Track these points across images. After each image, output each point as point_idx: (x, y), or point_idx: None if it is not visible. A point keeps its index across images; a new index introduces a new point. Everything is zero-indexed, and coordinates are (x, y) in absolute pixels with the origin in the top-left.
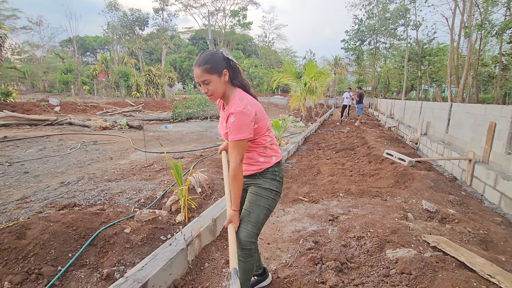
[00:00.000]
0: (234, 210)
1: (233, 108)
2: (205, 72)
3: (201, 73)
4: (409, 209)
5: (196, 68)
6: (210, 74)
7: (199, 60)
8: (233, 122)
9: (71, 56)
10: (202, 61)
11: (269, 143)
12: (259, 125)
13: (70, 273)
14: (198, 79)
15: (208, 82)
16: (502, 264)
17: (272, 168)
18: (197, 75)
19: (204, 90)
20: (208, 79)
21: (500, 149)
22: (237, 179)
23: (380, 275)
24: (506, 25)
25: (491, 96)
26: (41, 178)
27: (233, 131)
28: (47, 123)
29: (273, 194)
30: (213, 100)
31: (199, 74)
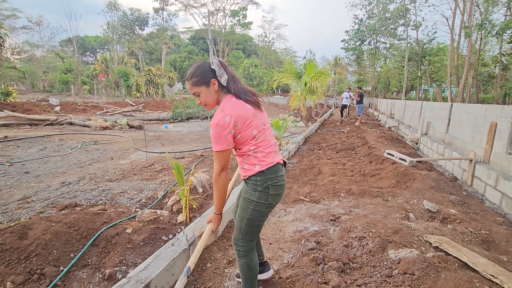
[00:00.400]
0: (215, 213)
1: (212, 120)
2: (193, 85)
3: (190, 86)
4: (410, 209)
5: (186, 82)
6: (198, 87)
7: (187, 74)
8: (211, 133)
9: (71, 56)
10: (189, 75)
11: (252, 151)
12: (242, 134)
13: (72, 273)
14: (190, 91)
15: (198, 94)
16: (504, 264)
17: (254, 176)
18: (188, 89)
19: (198, 102)
20: (197, 91)
21: (501, 149)
22: (218, 185)
23: (382, 275)
24: (506, 25)
25: (491, 96)
26: (42, 178)
27: (212, 142)
28: (47, 123)
29: (253, 205)
30: (210, 109)
31: (189, 88)
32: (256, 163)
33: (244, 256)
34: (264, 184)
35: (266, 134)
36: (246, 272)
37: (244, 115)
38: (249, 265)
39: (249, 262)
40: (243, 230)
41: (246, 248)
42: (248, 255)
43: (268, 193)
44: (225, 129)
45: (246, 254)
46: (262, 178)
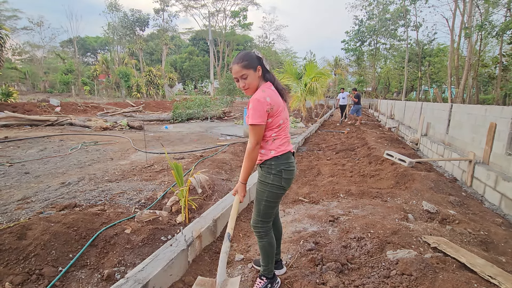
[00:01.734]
0: (241, 182)
1: (253, 96)
2: (243, 68)
3: (239, 69)
4: (409, 210)
5: (235, 65)
6: (247, 69)
7: (236, 59)
8: (250, 108)
9: (71, 56)
10: (239, 59)
11: (272, 138)
12: (273, 119)
13: (70, 274)
14: (236, 74)
15: (245, 76)
16: (502, 265)
17: (269, 161)
18: (236, 71)
19: (241, 85)
20: (246, 73)
21: (501, 150)
22: (250, 157)
23: (380, 276)
24: (506, 26)
25: (491, 97)
26: (41, 178)
27: (250, 115)
28: (47, 124)
29: (269, 187)
30: (249, 93)
31: (238, 70)
32: (273, 149)
33: (265, 236)
34: (277, 168)
35: (286, 126)
36: (268, 250)
37: (278, 103)
38: (270, 243)
39: (270, 240)
40: (262, 212)
41: (266, 228)
42: (269, 234)
43: (281, 177)
44: (264, 106)
45: (267, 233)
46: (276, 163)
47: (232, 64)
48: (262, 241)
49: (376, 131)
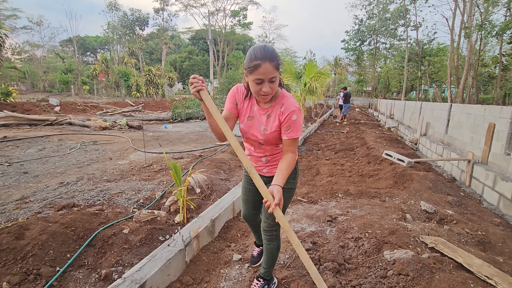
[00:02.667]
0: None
1: (293, 105)
2: (275, 68)
3: (272, 69)
4: (407, 210)
5: (266, 64)
6: (277, 71)
7: (266, 54)
8: (295, 120)
9: (71, 56)
10: (271, 56)
11: None
12: None
13: (68, 274)
14: (266, 75)
15: (274, 80)
16: (499, 265)
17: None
18: (268, 71)
19: (266, 89)
20: (276, 76)
21: (499, 150)
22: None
23: (377, 276)
24: (506, 26)
25: (491, 96)
26: (40, 178)
27: (295, 128)
28: (47, 123)
29: (293, 192)
30: (267, 100)
31: (270, 70)
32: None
33: (277, 238)
34: (297, 169)
35: None
36: (275, 253)
37: None
38: (278, 246)
39: (279, 243)
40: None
41: (279, 231)
42: (280, 237)
43: (297, 176)
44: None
45: (278, 236)
46: (297, 166)
47: (262, 61)
48: (272, 244)
49: (375, 130)
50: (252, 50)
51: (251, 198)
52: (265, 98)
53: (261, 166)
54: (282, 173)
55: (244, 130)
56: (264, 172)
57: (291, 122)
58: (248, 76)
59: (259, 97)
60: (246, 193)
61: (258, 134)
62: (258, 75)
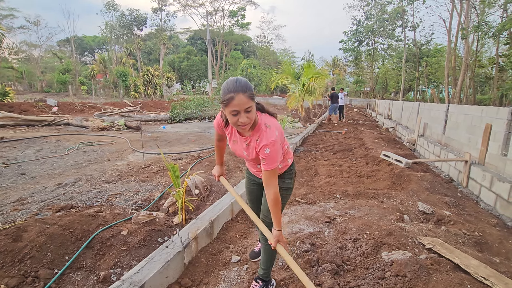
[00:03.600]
0: (278, 230)
1: (265, 139)
2: (249, 98)
3: (247, 100)
4: (405, 211)
5: (239, 96)
6: (252, 101)
7: (239, 86)
8: (269, 153)
9: (69, 56)
10: (244, 87)
11: (286, 149)
12: (283, 143)
13: (66, 276)
14: (241, 106)
15: (250, 109)
16: (496, 265)
17: (289, 168)
18: (242, 102)
19: (242, 120)
20: (251, 106)
21: (496, 151)
22: (278, 202)
23: (375, 277)
24: (502, 27)
25: (488, 97)
26: (38, 179)
27: (269, 162)
28: (44, 124)
29: (290, 191)
30: (246, 129)
31: (245, 101)
32: (289, 157)
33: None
34: (294, 171)
35: None
36: (273, 253)
37: (278, 124)
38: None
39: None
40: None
41: None
42: None
43: (293, 177)
44: (280, 143)
45: None
46: (293, 167)
47: (235, 93)
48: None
49: (373, 131)
50: (225, 84)
51: (254, 197)
52: (243, 128)
53: (257, 171)
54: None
55: (232, 149)
56: (261, 176)
57: (265, 156)
58: (225, 109)
59: (237, 127)
60: (250, 194)
61: (242, 155)
62: (233, 107)
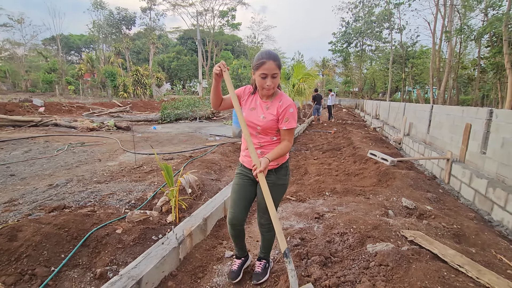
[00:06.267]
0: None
1: (289, 101)
2: (277, 67)
3: (275, 66)
4: (390, 206)
5: (270, 62)
6: (279, 69)
7: (271, 55)
8: (292, 112)
9: (54, 55)
10: (275, 57)
11: None
12: None
13: (63, 273)
14: (270, 70)
15: (276, 76)
16: (472, 255)
17: (285, 163)
18: (271, 68)
19: (269, 83)
20: (277, 73)
21: (476, 149)
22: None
23: (360, 267)
24: (483, 30)
25: (470, 97)
26: (28, 180)
27: (292, 120)
28: (31, 124)
29: (285, 187)
30: (270, 93)
31: (273, 67)
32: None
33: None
34: (289, 167)
35: None
36: (273, 239)
37: None
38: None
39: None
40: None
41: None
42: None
43: (288, 173)
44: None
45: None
46: (289, 164)
47: (266, 59)
48: (270, 234)
49: (361, 131)
50: (260, 52)
51: (243, 195)
52: (268, 91)
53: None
54: (275, 151)
55: (246, 118)
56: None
57: (289, 114)
58: (255, 72)
59: (263, 90)
60: (239, 191)
61: (257, 121)
62: (264, 70)
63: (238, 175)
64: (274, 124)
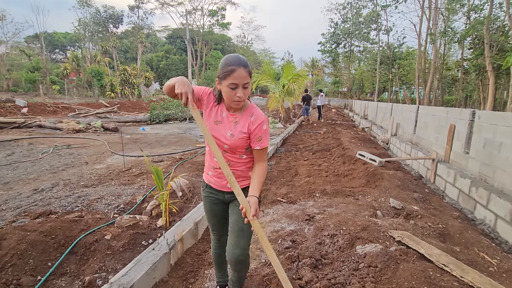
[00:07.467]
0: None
1: (262, 116)
2: (248, 74)
3: (246, 74)
4: (378, 207)
5: (241, 70)
6: (250, 78)
7: (241, 61)
8: (265, 129)
9: (38, 53)
10: (245, 63)
11: None
12: None
13: (50, 282)
14: (241, 80)
15: (247, 86)
16: (456, 254)
17: None
18: (242, 77)
19: (239, 94)
20: (249, 82)
21: (459, 149)
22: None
23: (350, 269)
24: (466, 33)
25: (454, 98)
26: (11, 185)
27: (265, 138)
28: (14, 126)
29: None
30: (240, 106)
31: (244, 76)
32: None
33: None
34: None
35: None
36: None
37: None
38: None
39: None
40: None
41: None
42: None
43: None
44: None
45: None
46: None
47: (236, 66)
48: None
49: (350, 131)
50: (227, 57)
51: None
52: (238, 104)
53: (224, 180)
54: (257, 183)
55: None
56: (229, 187)
57: (262, 132)
58: (222, 82)
59: (232, 103)
60: (215, 215)
61: (224, 139)
62: (233, 80)
63: (208, 199)
64: (244, 142)
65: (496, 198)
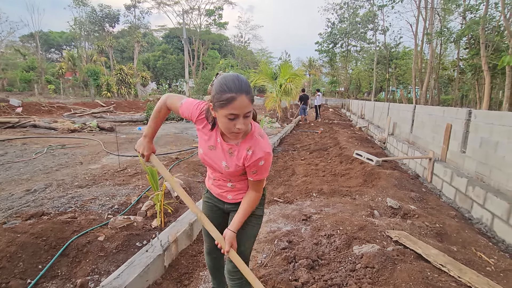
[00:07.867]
0: (234, 232)
1: (261, 151)
2: (250, 101)
3: (248, 102)
4: (375, 206)
5: (242, 97)
6: (252, 105)
7: (242, 86)
8: (263, 165)
9: (33, 52)
10: (247, 88)
11: None
12: None
13: (40, 286)
14: (242, 110)
15: (249, 115)
16: (453, 253)
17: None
18: (243, 106)
19: (239, 126)
20: (251, 111)
21: (456, 148)
22: (256, 204)
23: (347, 270)
24: (462, 33)
25: (451, 97)
26: (3, 186)
27: (261, 172)
28: (8, 126)
29: (261, 219)
30: (239, 137)
31: (246, 104)
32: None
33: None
34: (266, 195)
35: None
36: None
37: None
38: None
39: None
40: (251, 249)
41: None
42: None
43: (264, 202)
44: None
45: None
46: (265, 191)
47: (236, 93)
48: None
49: (347, 130)
50: (224, 80)
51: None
52: (237, 136)
53: (225, 192)
54: (241, 215)
55: (204, 158)
56: (229, 199)
57: (258, 168)
58: (218, 111)
59: (230, 134)
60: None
61: (219, 168)
62: (233, 110)
63: (207, 204)
64: (240, 170)
65: (493, 197)
